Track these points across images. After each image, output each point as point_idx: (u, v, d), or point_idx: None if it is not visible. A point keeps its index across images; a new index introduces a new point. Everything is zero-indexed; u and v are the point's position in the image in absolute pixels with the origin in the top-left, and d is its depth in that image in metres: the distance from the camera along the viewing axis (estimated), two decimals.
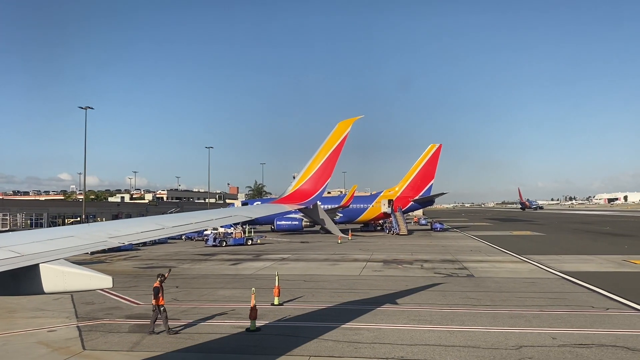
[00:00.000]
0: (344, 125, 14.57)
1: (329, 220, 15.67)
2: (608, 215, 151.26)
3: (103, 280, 6.54)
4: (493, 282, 27.69)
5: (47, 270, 6.34)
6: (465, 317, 19.25)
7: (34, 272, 6.32)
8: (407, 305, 21.49)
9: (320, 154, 14.04)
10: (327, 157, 13.99)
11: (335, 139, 14.25)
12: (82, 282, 6.49)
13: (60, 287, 6.46)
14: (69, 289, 6.53)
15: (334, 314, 20.08)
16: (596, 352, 14.56)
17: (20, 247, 6.71)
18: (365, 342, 15.78)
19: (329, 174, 14.07)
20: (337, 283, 27.94)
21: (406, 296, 23.85)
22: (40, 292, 6.42)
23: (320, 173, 13.86)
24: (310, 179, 13.76)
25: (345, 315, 19.57)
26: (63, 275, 6.37)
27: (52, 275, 6.36)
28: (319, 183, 13.86)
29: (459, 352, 14.79)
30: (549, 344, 15.41)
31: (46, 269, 6.34)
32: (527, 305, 21.23)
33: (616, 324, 17.85)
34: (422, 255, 42.76)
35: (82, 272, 6.44)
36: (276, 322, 18.72)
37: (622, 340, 15.75)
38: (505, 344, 15.45)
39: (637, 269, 32.99)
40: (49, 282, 6.35)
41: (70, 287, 6.49)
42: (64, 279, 6.38)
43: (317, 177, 13.84)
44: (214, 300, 23.46)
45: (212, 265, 37.79)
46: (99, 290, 7.03)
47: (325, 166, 13.94)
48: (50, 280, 6.35)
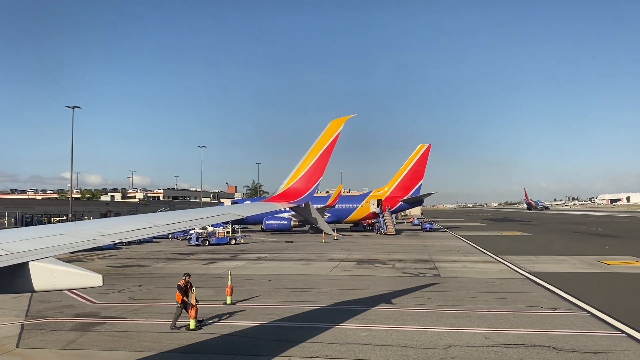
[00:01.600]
0: (336, 124, 14.58)
1: (321, 220, 15.72)
2: (606, 216, 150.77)
3: (92, 278, 6.53)
4: (456, 282, 27.72)
5: (36, 269, 6.31)
6: (411, 316, 19.32)
7: (23, 271, 6.29)
8: (357, 305, 21.56)
9: (312, 152, 14.03)
10: (319, 155, 14.00)
11: (328, 138, 14.24)
12: (72, 281, 6.51)
13: (50, 285, 6.43)
14: (59, 287, 6.50)
15: (280, 312, 20.16)
16: (521, 352, 14.62)
17: (10, 245, 6.64)
18: (294, 341, 15.87)
19: (320, 172, 14.04)
20: (300, 283, 28.03)
21: (363, 296, 23.91)
22: (30, 291, 6.40)
23: (312, 172, 13.86)
24: (302, 177, 13.77)
25: (289, 314, 19.68)
26: (52, 273, 6.36)
27: (41, 274, 6.34)
28: (311, 182, 13.86)
29: (386, 351, 14.86)
30: (480, 344, 15.46)
31: (35, 267, 6.31)
32: (477, 305, 21.27)
33: (556, 325, 17.88)
34: (399, 255, 42.79)
35: (71, 271, 6.44)
36: (220, 321, 18.81)
37: (553, 340, 15.80)
38: (435, 344, 15.51)
39: (606, 269, 32.97)
40: (38, 280, 6.33)
41: (59, 285, 6.47)
42: (53, 277, 6.36)
43: (309, 176, 13.83)
44: (171, 299, 23.49)
45: (186, 264, 37.92)
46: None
47: (317, 165, 13.94)
48: (39, 278, 6.33)
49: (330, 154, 14.20)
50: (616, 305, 21.38)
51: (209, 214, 10.80)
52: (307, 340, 15.93)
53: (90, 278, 6.52)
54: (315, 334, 16.76)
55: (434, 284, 27.30)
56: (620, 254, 41.38)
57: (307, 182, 13.78)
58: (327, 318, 19.05)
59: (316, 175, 13.94)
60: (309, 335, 16.48)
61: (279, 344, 15.60)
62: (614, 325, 17.56)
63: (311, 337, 16.29)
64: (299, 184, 13.71)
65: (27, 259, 6.30)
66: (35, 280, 6.29)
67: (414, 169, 79.02)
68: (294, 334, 16.70)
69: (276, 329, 17.63)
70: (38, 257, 6.40)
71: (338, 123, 14.58)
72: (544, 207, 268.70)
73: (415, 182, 79.12)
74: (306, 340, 15.98)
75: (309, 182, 13.80)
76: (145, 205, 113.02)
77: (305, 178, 13.78)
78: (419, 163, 79.15)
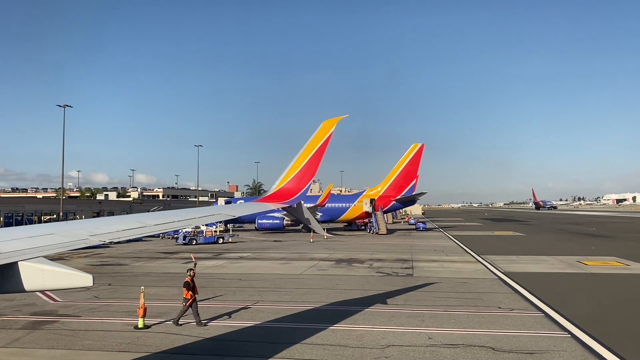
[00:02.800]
0: (328, 125, 14.56)
1: (313, 220, 15.71)
2: (608, 216, 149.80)
3: (83, 278, 6.49)
4: (425, 282, 27.64)
5: (26, 269, 6.25)
6: (362, 315, 19.29)
7: (12, 271, 6.22)
8: (314, 304, 21.54)
9: (304, 152, 14.01)
10: (311, 156, 13.98)
11: (320, 138, 14.21)
12: (62, 281, 6.45)
13: (39, 285, 6.38)
14: (48, 287, 6.46)
15: (233, 311, 20.18)
16: (457, 352, 14.57)
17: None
18: (233, 340, 15.88)
19: (312, 172, 14.00)
20: (269, 282, 28.03)
21: (326, 295, 23.89)
22: (20, 291, 6.33)
23: (304, 172, 13.82)
24: (294, 177, 13.75)
25: (240, 313, 19.72)
26: (42, 273, 6.32)
27: (31, 274, 6.29)
28: (303, 182, 13.83)
29: (323, 350, 14.83)
30: (420, 344, 15.41)
31: (25, 267, 6.25)
32: (436, 305, 21.20)
33: (505, 325, 17.78)
34: (382, 254, 42.74)
35: (61, 271, 6.38)
36: (170, 319, 18.82)
37: (495, 340, 15.72)
38: (375, 344, 15.47)
39: (583, 270, 32.79)
40: (27, 280, 6.27)
41: (49, 285, 6.42)
42: (43, 277, 6.32)
43: (301, 176, 13.79)
44: (133, 298, 23.57)
45: (165, 263, 38.06)
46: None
47: (309, 165, 13.90)
48: (29, 278, 6.27)
49: (323, 154, 14.16)
50: (576, 306, 21.30)
51: (200, 214, 10.79)
52: (245, 340, 15.97)
53: (81, 278, 6.49)
54: (255, 332, 16.78)
55: (401, 283, 27.25)
56: (605, 255, 41.15)
57: (299, 182, 13.75)
58: (275, 317, 19.09)
59: (308, 175, 13.90)
60: (250, 334, 16.52)
61: (218, 343, 15.61)
62: (563, 326, 17.44)
63: (252, 336, 16.33)
64: (291, 184, 13.70)
65: (16, 259, 6.22)
66: (25, 280, 6.24)
67: (407, 169, 78.88)
68: (239, 334, 16.72)
69: (219, 327, 17.61)
70: (27, 257, 6.32)
71: (330, 123, 14.56)
72: (552, 206, 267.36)
73: (409, 181, 78.99)
74: (246, 339, 16.02)
75: (300, 183, 13.78)
76: (140, 204, 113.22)
77: (297, 178, 13.75)
78: (412, 162, 79.00)
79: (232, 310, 20.30)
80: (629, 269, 33.14)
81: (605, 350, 14.52)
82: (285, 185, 13.69)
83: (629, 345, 15.23)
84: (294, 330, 17.12)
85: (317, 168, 14.17)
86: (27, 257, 6.31)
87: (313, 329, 17.28)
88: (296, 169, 13.85)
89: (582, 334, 16.40)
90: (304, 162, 13.92)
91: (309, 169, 13.90)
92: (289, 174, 13.85)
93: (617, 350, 14.49)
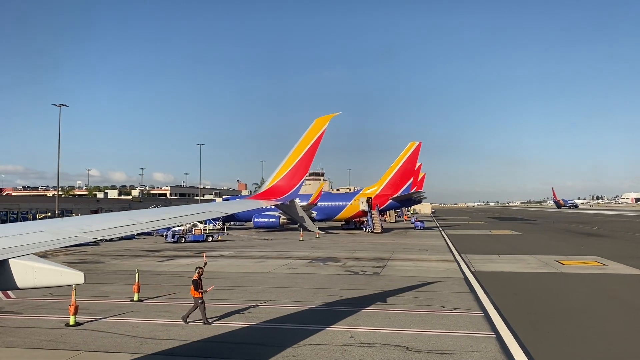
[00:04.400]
0: (321, 122, 14.50)
1: (307, 218, 15.72)
2: (620, 215, 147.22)
3: (74, 275, 6.54)
4: (387, 281, 27.48)
5: (16, 266, 6.28)
6: (298, 315, 19.22)
7: (3, 268, 6.24)
8: (259, 302, 21.51)
9: (297, 150, 13.96)
10: (303, 153, 13.93)
11: (312, 136, 14.14)
12: (52, 278, 6.48)
13: (30, 282, 6.39)
14: (39, 284, 6.46)
15: (175, 310, 20.23)
16: (369, 351, 14.44)
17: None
18: (160, 338, 15.93)
19: (305, 170, 13.91)
20: (231, 281, 28.06)
21: (277, 293, 23.86)
22: (12, 288, 6.36)
23: (296, 169, 13.77)
24: (286, 175, 13.70)
25: (174, 311, 19.79)
26: (33, 270, 6.36)
27: (21, 271, 6.32)
28: (295, 179, 13.77)
29: (243, 349, 14.80)
30: (337, 343, 15.29)
31: (16, 264, 6.28)
32: (384, 304, 21.07)
33: (436, 325, 17.56)
34: (362, 253, 42.56)
35: (52, 268, 6.44)
36: (106, 317, 18.94)
37: (415, 340, 15.55)
38: (293, 342, 15.37)
39: (555, 269, 32.30)
40: (18, 277, 6.29)
41: (40, 282, 6.44)
42: (33, 275, 6.36)
43: (293, 174, 13.74)
44: (88, 296, 23.77)
45: (142, 261, 38.28)
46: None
47: (302, 163, 13.85)
48: (19, 275, 6.30)
49: (315, 151, 14.04)
50: (524, 306, 21.05)
51: (192, 211, 10.79)
52: (170, 338, 15.99)
53: (71, 275, 6.52)
54: (181, 330, 16.78)
55: (362, 282, 27.13)
56: (590, 254, 40.46)
57: (292, 179, 13.68)
58: (215, 315, 19.11)
59: (300, 173, 13.82)
60: (174, 332, 16.53)
61: (142, 343, 15.66)
62: (495, 327, 17.16)
63: (177, 334, 16.35)
64: (283, 182, 13.63)
65: (6, 256, 6.17)
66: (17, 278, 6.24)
67: (404, 167, 78.39)
68: (163, 330, 16.78)
69: (156, 326, 17.67)
70: (18, 254, 6.29)
71: (323, 121, 14.47)
72: (574, 205, 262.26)
73: (405, 180, 78.50)
74: (172, 337, 16.05)
75: (293, 180, 13.70)
76: (140, 203, 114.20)
77: (289, 176, 13.68)
78: (409, 161, 78.49)
79: (170, 309, 20.35)
80: (604, 269, 32.55)
81: (521, 352, 14.26)
82: (278, 182, 13.61)
83: (549, 349, 14.95)
84: (209, 328, 17.11)
85: (309, 165, 14.04)
86: (17, 255, 6.27)
87: (243, 327, 17.27)
88: (288, 167, 13.76)
89: (509, 335, 16.13)
90: (297, 160, 13.84)
91: (301, 167, 13.80)
92: (282, 171, 13.76)
93: (532, 353, 14.22)
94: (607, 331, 16.89)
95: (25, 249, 6.39)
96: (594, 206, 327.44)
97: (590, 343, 15.61)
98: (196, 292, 17.96)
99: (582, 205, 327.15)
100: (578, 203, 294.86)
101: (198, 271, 18.41)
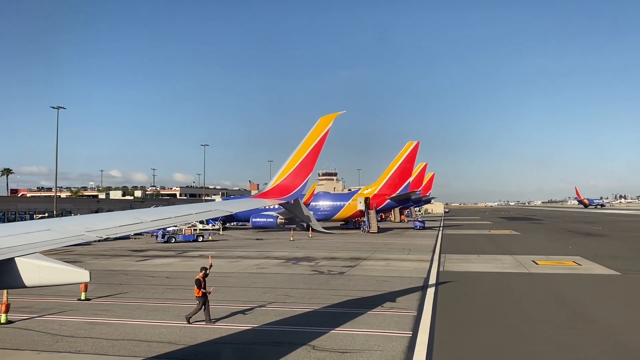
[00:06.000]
0: (325, 120, 14.60)
1: (312, 217, 15.78)
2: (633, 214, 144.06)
3: (80, 274, 6.58)
4: (346, 280, 27.45)
5: (22, 265, 6.27)
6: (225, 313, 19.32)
7: (9, 266, 6.24)
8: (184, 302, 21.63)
9: (302, 149, 13.98)
10: (308, 152, 13.94)
11: (317, 134, 14.19)
12: (58, 276, 6.52)
13: (36, 281, 6.38)
14: (45, 283, 6.45)
15: (113, 309, 20.48)
16: (273, 350, 14.48)
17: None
18: (78, 336, 16.17)
19: (310, 169, 13.93)
20: (188, 280, 28.00)
21: (226, 292, 24.01)
22: (19, 286, 6.43)
23: (301, 168, 13.78)
24: (291, 174, 13.70)
25: (112, 310, 20.04)
26: (39, 269, 6.35)
27: (27, 270, 6.31)
28: (300, 178, 13.76)
29: (128, 345, 14.94)
30: (249, 342, 15.35)
31: (22, 263, 6.26)
32: (323, 303, 21.06)
33: (360, 324, 17.52)
34: (342, 253, 42.51)
35: (58, 266, 6.44)
36: (42, 316, 19.25)
37: (329, 339, 15.55)
38: (200, 340, 15.49)
39: (526, 269, 31.88)
40: (24, 275, 6.31)
41: (46, 281, 6.43)
42: (39, 273, 6.34)
43: (298, 172, 13.74)
44: (36, 295, 23.70)
45: (120, 261, 38.73)
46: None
47: (306, 161, 13.86)
48: (25, 274, 6.30)
49: (320, 150, 14.01)
50: (464, 307, 20.91)
51: (197, 210, 10.82)
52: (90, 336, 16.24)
53: (77, 274, 6.52)
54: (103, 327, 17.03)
55: (322, 281, 27.17)
56: (574, 254, 39.80)
57: (296, 178, 13.65)
58: (141, 314, 19.37)
59: (305, 171, 13.79)
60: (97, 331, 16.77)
61: (55, 340, 15.91)
62: (419, 327, 17.03)
63: (98, 332, 16.60)
64: (288, 181, 13.60)
65: (12, 255, 6.18)
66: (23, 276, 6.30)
67: (402, 167, 77.99)
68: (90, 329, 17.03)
69: (82, 324, 17.91)
70: (23, 253, 6.30)
71: (327, 119, 14.50)
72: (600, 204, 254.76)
73: (404, 179, 78.10)
74: (72, 334, 16.30)
75: (297, 179, 13.67)
76: (141, 203, 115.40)
77: (294, 174, 13.66)
78: (407, 161, 78.06)
79: (110, 308, 20.62)
80: (576, 269, 32.07)
81: (424, 354, 14.10)
82: (283, 181, 13.56)
83: (453, 350, 14.81)
84: (96, 325, 17.29)
85: (314, 164, 13.97)
86: (23, 253, 6.29)
87: (150, 324, 17.46)
88: (293, 165, 13.70)
89: (425, 335, 16.01)
90: (301, 158, 13.79)
91: (305, 165, 13.75)
92: (286, 170, 13.70)
93: (437, 353, 14.11)
94: (526, 332, 16.57)
95: (31, 248, 6.48)
96: (614, 205, 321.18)
97: (499, 346, 15.35)
98: (199, 291, 17.81)
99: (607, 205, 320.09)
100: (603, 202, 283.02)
101: (202, 272, 18.22)
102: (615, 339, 15.86)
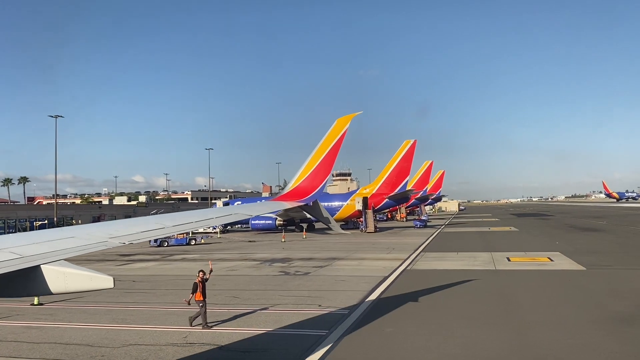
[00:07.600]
0: (342, 122, 14.89)
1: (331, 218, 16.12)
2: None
3: (104, 280, 6.71)
4: (306, 281, 27.62)
5: (48, 272, 6.41)
6: (166, 315, 19.70)
7: (35, 274, 6.40)
8: (143, 305, 22.09)
9: (319, 151, 14.33)
10: (326, 153, 14.29)
11: (334, 136, 14.49)
12: (83, 283, 6.62)
13: (62, 288, 6.53)
14: (70, 289, 6.62)
15: (59, 314, 21.03)
16: (181, 350, 14.80)
17: (21, 249, 6.80)
18: (6, 340, 16.73)
19: (328, 170, 14.22)
20: (151, 284, 28.81)
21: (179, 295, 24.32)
22: (45, 293, 6.53)
23: (319, 170, 14.07)
24: (309, 176, 14.02)
25: (55, 314, 20.58)
26: (64, 276, 6.47)
27: (53, 276, 6.44)
28: (318, 180, 14.04)
29: (45, 348, 15.40)
30: (165, 343, 15.71)
31: (47, 270, 6.41)
32: (265, 304, 21.28)
33: (283, 322, 17.84)
34: (323, 253, 42.88)
35: (82, 273, 6.57)
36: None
37: (235, 338, 15.84)
38: (120, 342, 15.89)
39: (493, 267, 31.74)
40: (50, 283, 6.45)
41: (71, 287, 6.58)
42: (65, 280, 6.47)
43: (316, 174, 14.00)
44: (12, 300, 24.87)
45: (101, 265, 39.22)
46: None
47: (324, 163, 14.18)
48: (51, 281, 6.44)
49: (338, 151, 14.21)
50: (401, 304, 20.87)
51: (218, 214, 10.86)
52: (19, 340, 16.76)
53: (102, 280, 6.64)
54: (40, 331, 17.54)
55: (278, 282, 27.48)
56: (555, 250, 39.45)
57: (314, 180, 13.89)
58: (91, 318, 19.87)
59: (323, 173, 14.03)
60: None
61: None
62: (338, 326, 17.19)
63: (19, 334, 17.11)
64: (307, 183, 13.83)
65: (38, 262, 6.38)
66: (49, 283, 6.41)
67: (400, 166, 77.85)
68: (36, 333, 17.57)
69: (17, 328, 18.47)
70: (49, 260, 6.48)
71: (344, 121, 14.71)
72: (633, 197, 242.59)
73: (402, 178, 77.96)
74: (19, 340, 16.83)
75: (316, 180, 13.90)
76: (145, 208, 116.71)
77: (313, 176, 13.90)
78: (405, 159, 77.90)
79: (55, 312, 21.19)
80: (546, 264, 31.89)
81: (321, 353, 14.29)
82: (301, 183, 13.78)
83: (358, 349, 14.98)
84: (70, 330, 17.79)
85: (332, 165, 14.13)
86: (48, 261, 6.48)
87: (105, 329, 17.92)
88: (311, 167, 13.96)
89: (339, 334, 16.15)
90: (319, 160, 14.03)
91: (324, 167, 13.96)
92: (305, 172, 13.94)
93: (334, 352, 14.30)
94: (438, 329, 16.62)
95: (56, 255, 6.72)
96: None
97: (405, 345, 15.44)
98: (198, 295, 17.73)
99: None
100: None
101: (200, 275, 17.98)
102: (525, 334, 15.83)
